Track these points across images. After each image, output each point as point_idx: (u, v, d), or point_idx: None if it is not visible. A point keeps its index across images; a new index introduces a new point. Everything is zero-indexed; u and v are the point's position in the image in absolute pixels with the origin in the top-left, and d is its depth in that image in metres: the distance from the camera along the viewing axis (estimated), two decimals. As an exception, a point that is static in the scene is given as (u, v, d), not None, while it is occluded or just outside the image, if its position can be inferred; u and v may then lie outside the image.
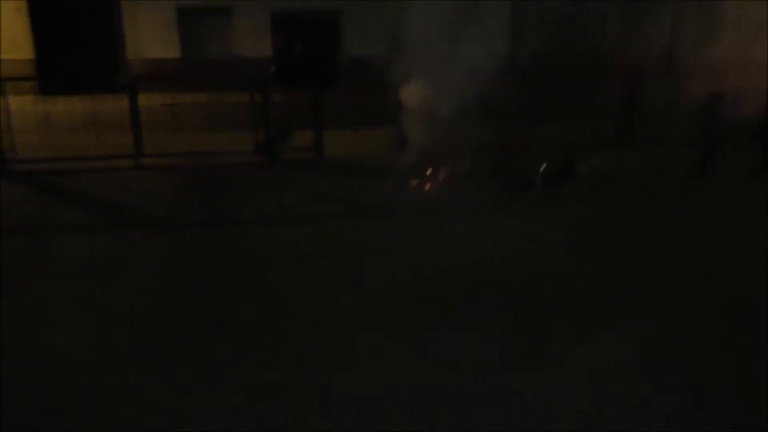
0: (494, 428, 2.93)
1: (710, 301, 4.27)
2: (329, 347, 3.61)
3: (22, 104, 8.66)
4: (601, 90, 10.26)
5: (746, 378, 3.35)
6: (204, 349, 3.60)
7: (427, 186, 7.18)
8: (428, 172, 7.74)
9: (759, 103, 7.99)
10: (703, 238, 5.64)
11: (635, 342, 3.68)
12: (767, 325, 3.88)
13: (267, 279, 4.58)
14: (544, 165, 7.46)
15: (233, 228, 5.78)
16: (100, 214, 6.34)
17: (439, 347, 3.60)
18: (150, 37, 18.62)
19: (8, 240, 5.37)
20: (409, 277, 4.60)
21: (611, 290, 4.42)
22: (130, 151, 8.23)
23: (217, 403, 3.09)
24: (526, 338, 3.71)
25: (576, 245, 5.34)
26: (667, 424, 2.98)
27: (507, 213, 6.28)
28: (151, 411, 3.03)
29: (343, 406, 3.07)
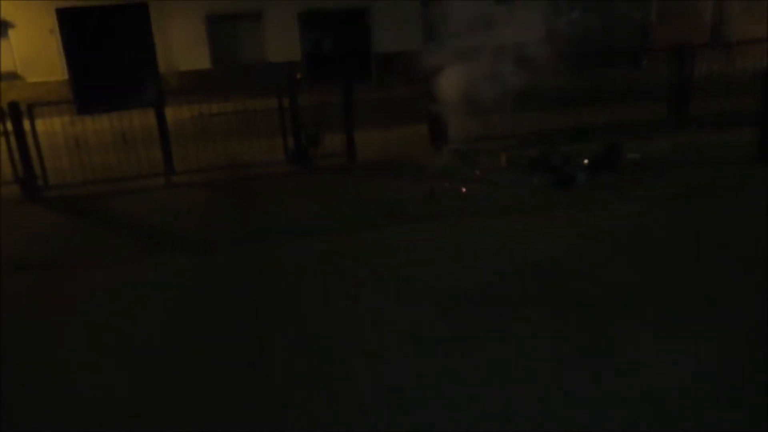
0: None
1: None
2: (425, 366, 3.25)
3: (50, 127, 8.55)
4: (650, 70, 9.66)
5: None
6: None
7: (467, 185, 6.75)
8: (468, 169, 7.33)
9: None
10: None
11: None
12: None
13: (322, 295, 4.24)
14: (587, 154, 6.99)
15: (273, 245, 5.45)
16: (131, 240, 6.11)
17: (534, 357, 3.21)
18: (180, 47, 18.61)
19: (36, 272, 5.19)
20: (470, 283, 4.23)
21: (690, 287, 3.94)
22: (160, 168, 8.05)
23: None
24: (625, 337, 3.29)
25: (633, 241, 4.84)
26: None
27: (554, 209, 5.81)
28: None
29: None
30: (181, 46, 18.65)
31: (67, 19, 18.04)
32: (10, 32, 17.84)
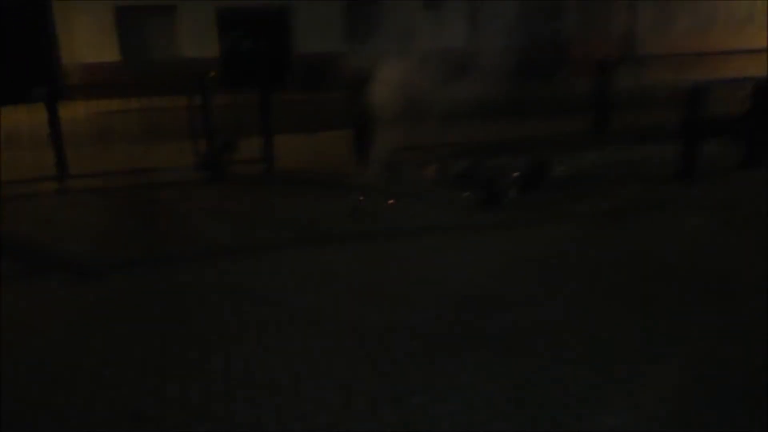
0: None
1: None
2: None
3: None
4: (568, 83, 9.65)
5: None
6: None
7: (392, 200, 6.36)
8: (392, 181, 6.97)
9: (735, 95, 7.43)
10: (702, 240, 4.99)
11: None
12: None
13: (218, 331, 3.69)
14: (514, 169, 6.77)
15: (171, 268, 4.83)
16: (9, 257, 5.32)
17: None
18: (87, 40, 17.37)
19: None
20: (384, 317, 3.78)
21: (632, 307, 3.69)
22: (50, 172, 7.20)
23: None
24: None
25: (562, 265, 4.59)
26: None
27: (481, 228, 5.50)
28: None
29: None
30: (88, 37, 17.42)
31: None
32: None
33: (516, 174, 6.66)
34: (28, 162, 7.25)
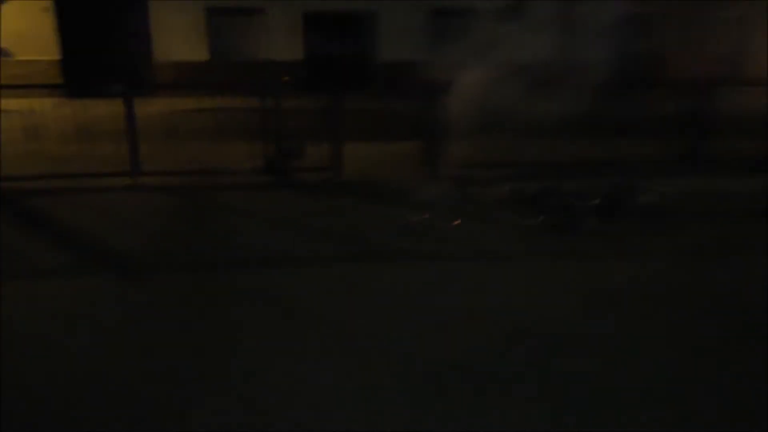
0: None
1: None
2: None
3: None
4: (661, 104, 8.95)
5: None
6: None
7: (458, 220, 5.99)
8: (461, 199, 6.60)
9: None
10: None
11: None
12: None
13: (257, 341, 3.47)
14: (595, 194, 6.26)
15: (216, 271, 4.67)
16: (70, 251, 5.32)
17: None
18: (179, 38, 17.91)
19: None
20: (439, 349, 3.43)
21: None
22: (121, 167, 7.29)
23: None
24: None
25: (645, 301, 4.08)
26: None
27: (554, 259, 5.04)
28: None
29: None
30: (179, 36, 17.97)
31: (61, -2, 17.42)
32: (3, 8, 17.16)
33: (596, 200, 6.17)
34: (100, 156, 7.36)
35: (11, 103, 8.87)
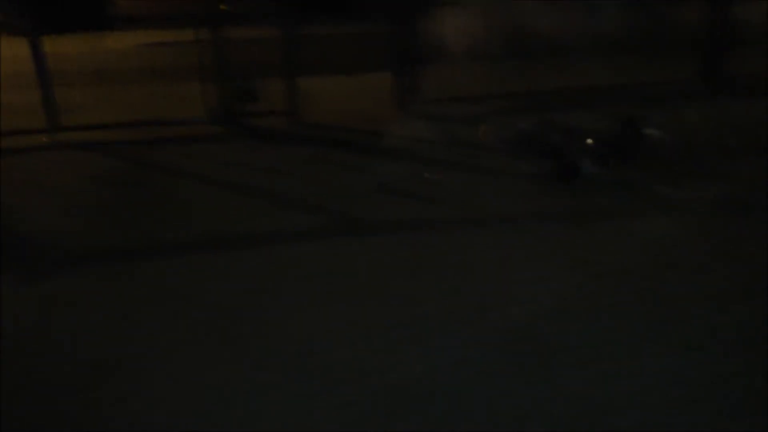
0: None
1: None
2: None
3: None
4: (671, 16, 7.82)
5: None
6: None
7: (434, 171, 4.89)
8: (441, 142, 5.53)
9: None
10: None
11: None
12: None
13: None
14: (596, 132, 5.12)
15: (152, 258, 3.62)
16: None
17: None
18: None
19: None
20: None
21: None
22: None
23: None
24: None
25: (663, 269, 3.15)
26: None
27: (546, 219, 4.06)
28: None
29: None
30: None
31: None
32: None
33: (596, 139, 5.04)
34: (8, 108, 6.10)
35: None
